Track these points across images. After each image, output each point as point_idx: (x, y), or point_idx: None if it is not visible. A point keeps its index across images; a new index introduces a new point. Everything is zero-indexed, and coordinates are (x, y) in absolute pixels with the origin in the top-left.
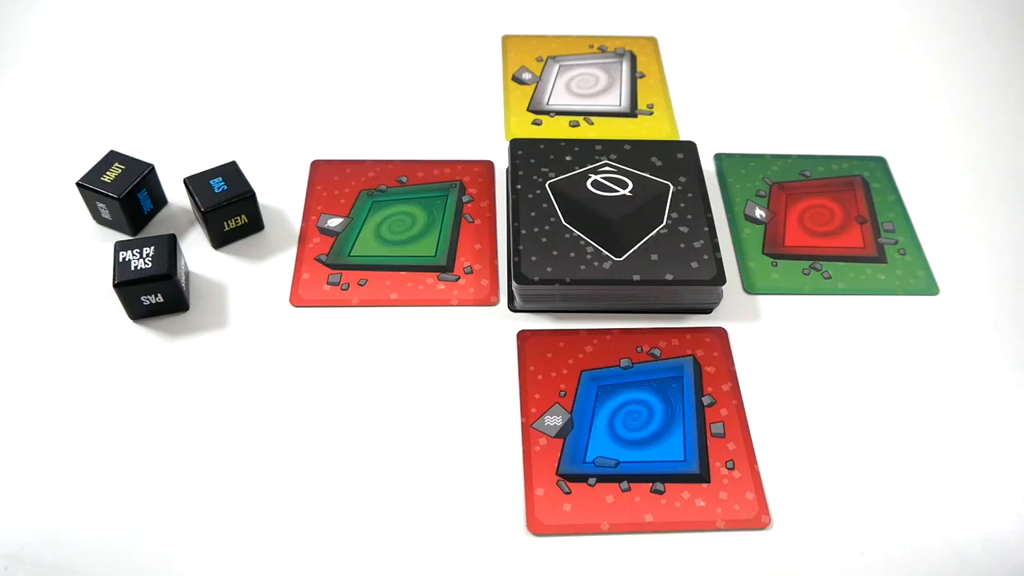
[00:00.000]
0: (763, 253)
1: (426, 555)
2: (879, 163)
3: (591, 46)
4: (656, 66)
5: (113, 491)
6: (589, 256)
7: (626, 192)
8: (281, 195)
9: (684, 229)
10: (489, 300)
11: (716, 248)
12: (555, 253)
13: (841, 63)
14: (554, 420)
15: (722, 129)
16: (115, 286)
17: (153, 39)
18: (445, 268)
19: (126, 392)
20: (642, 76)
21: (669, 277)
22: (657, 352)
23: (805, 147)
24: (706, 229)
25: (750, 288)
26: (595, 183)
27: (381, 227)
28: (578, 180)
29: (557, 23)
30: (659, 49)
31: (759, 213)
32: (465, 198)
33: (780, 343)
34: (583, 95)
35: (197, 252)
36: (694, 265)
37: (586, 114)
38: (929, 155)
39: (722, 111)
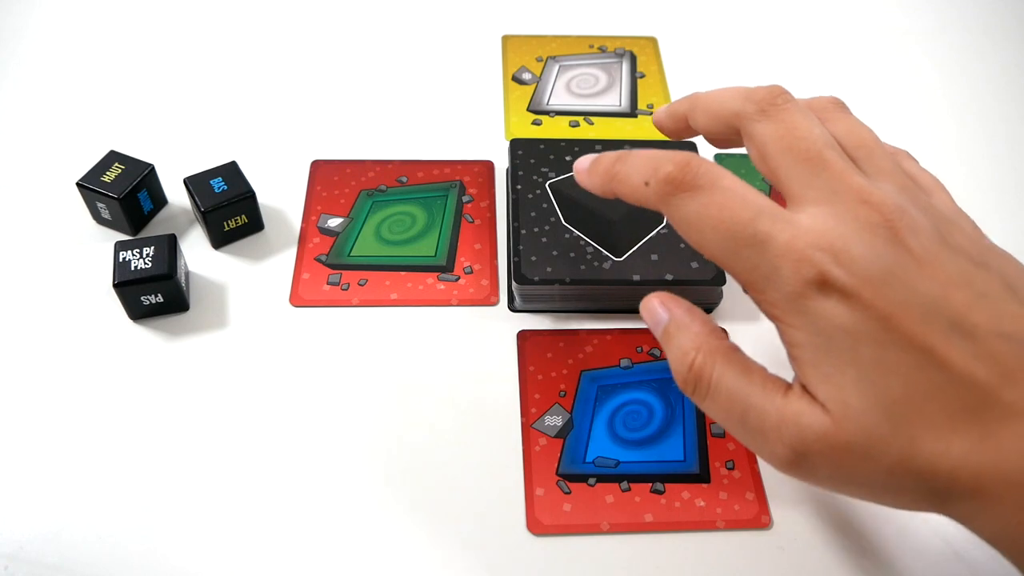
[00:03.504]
0: None
1: (426, 555)
2: None
3: (591, 46)
4: (656, 66)
5: (114, 491)
6: (589, 256)
7: None
8: (281, 195)
9: None
10: (489, 300)
11: None
12: (555, 253)
13: (840, 63)
14: (554, 420)
15: None
16: (115, 286)
17: (153, 39)
18: (445, 268)
19: (126, 392)
20: (642, 76)
21: (669, 277)
22: (657, 352)
23: None
24: None
25: None
26: None
27: (381, 227)
28: None
29: (557, 23)
30: (659, 49)
31: None
32: (465, 198)
33: (780, 343)
34: (583, 95)
35: (197, 252)
36: (694, 265)
37: (586, 114)
38: (928, 155)
39: None
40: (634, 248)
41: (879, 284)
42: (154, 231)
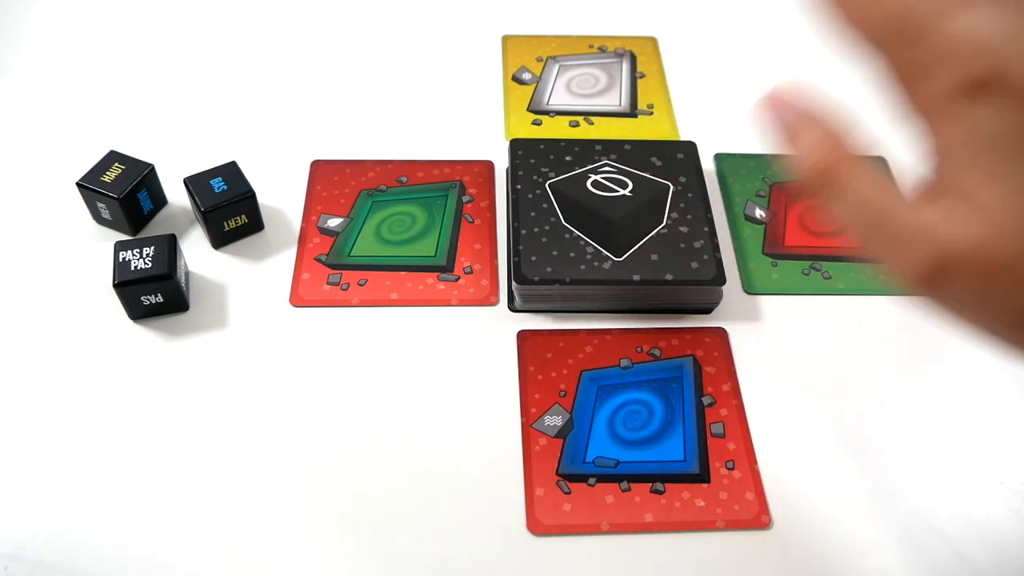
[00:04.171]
0: (763, 253)
1: (426, 555)
2: (879, 163)
3: (591, 46)
4: (656, 66)
5: (114, 491)
6: (589, 256)
7: (626, 192)
8: (281, 195)
9: (684, 229)
10: (489, 300)
11: (716, 248)
12: (555, 253)
13: (840, 63)
14: (554, 420)
15: (722, 129)
16: (115, 286)
17: (153, 39)
18: (445, 268)
19: (126, 392)
20: (642, 76)
21: (669, 277)
22: (657, 352)
23: None
24: (706, 229)
25: (750, 288)
26: (595, 183)
27: (381, 227)
28: (578, 180)
29: (557, 23)
30: (659, 49)
31: (759, 213)
32: (465, 198)
33: (780, 343)
34: (583, 95)
35: (197, 252)
36: (694, 265)
37: (586, 114)
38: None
39: (722, 111)
40: (634, 248)
41: None
42: (154, 231)
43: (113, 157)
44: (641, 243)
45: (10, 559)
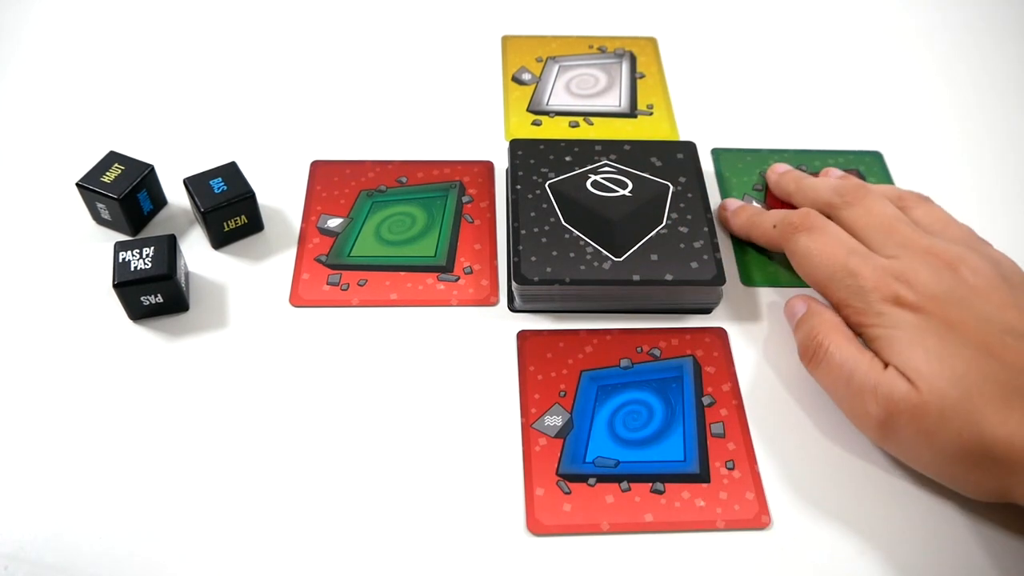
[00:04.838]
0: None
1: (426, 555)
2: (875, 158)
3: (591, 46)
4: (656, 66)
5: (113, 491)
6: (589, 256)
7: (626, 192)
8: (281, 195)
9: (684, 229)
10: (489, 300)
11: (716, 248)
12: (555, 253)
13: (839, 59)
14: (554, 420)
15: (722, 130)
16: (115, 286)
17: (152, 39)
18: (445, 268)
19: (126, 392)
20: (642, 76)
21: (669, 277)
22: (657, 352)
23: (802, 142)
24: (706, 229)
25: (749, 286)
26: (595, 183)
27: (381, 227)
28: (578, 180)
29: (557, 23)
30: (659, 49)
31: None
32: (465, 198)
33: (780, 343)
34: (583, 95)
35: (197, 252)
36: (694, 265)
37: (586, 114)
38: (925, 150)
39: (722, 112)
40: (634, 248)
41: (941, 301)
42: (154, 231)
43: (113, 157)
44: (641, 243)
45: (10, 559)
